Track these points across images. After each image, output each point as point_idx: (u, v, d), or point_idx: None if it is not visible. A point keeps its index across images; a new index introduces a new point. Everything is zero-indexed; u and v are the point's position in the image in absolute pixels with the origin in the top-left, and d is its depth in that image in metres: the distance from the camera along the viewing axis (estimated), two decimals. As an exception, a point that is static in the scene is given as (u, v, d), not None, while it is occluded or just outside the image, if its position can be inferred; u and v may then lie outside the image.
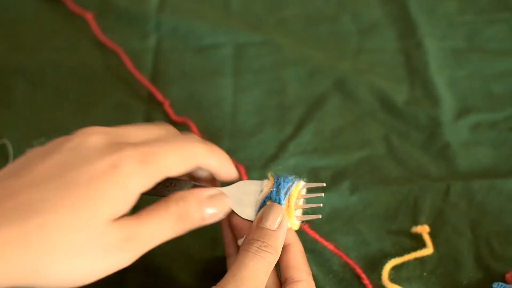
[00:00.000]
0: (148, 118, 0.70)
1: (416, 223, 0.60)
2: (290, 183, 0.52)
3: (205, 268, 0.58)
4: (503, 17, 0.80)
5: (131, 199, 0.44)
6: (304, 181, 0.53)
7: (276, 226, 0.48)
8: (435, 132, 0.68)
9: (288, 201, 0.51)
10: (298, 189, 0.52)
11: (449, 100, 0.71)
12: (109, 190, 0.43)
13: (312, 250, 0.59)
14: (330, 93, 0.73)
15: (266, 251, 0.47)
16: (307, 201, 0.53)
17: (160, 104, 0.72)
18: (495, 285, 0.54)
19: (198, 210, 0.47)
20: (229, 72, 0.75)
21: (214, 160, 0.51)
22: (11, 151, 0.66)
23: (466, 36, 0.78)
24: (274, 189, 0.52)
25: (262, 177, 0.64)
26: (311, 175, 0.65)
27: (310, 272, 0.50)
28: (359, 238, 0.59)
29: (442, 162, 0.66)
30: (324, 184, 0.53)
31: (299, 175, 0.64)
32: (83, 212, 0.41)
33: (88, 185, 0.42)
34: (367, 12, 0.82)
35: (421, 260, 0.58)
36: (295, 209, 0.51)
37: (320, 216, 0.52)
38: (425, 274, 0.57)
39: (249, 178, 0.65)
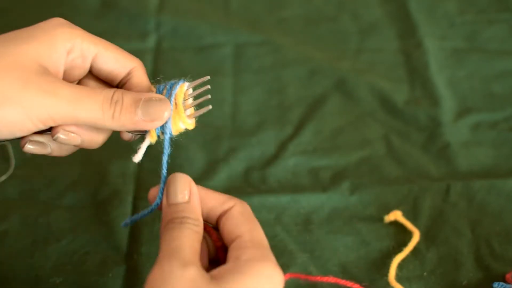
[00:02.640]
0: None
1: (416, 223, 0.60)
2: (173, 85, 0.50)
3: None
4: (503, 17, 0.80)
5: (57, 47, 0.46)
6: (188, 81, 0.51)
7: (187, 198, 0.45)
8: (435, 132, 0.68)
9: (176, 103, 0.49)
10: (184, 89, 0.50)
11: (449, 100, 0.71)
12: (36, 33, 0.46)
13: (312, 251, 0.58)
14: (330, 93, 0.73)
15: (188, 222, 0.44)
16: (196, 97, 0.51)
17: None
18: (495, 285, 0.54)
19: (133, 104, 0.46)
20: (229, 72, 0.75)
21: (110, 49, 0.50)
22: (11, 151, 0.66)
23: (466, 36, 0.78)
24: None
25: (262, 178, 0.65)
26: (311, 175, 0.65)
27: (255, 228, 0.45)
28: (359, 238, 0.59)
29: (442, 162, 0.66)
30: (209, 77, 0.51)
31: (299, 175, 0.65)
32: (8, 45, 0.44)
33: (19, 31, 0.46)
34: (367, 12, 0.82)
35: (421, 260, 0.58)
36: (185, 109, 0.49)
37: (210, 107, 0.49)
38: (425, 274, 0.57)
39: (253, 178, 0.65)
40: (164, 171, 0.48)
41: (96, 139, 0.48)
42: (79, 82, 0.50)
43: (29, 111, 0.43)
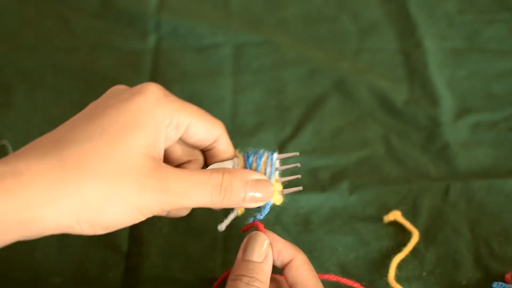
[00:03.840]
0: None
1: (416, 223, 0.60)
2: (263, 159, 0.49)
3: (203, 268, 0.58)
4: (503, 17, 0.80)
5: (159, 129, 0.45)
6: (276, 152, 0.50)
7: (262, 258, 0.47)
8: (434, 132, 0.68)
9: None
10: (274, 163, 0.50)
11: (449, 100, 0.71)
12: (137, 117, 0.44)
13: (311, 251, 0.59)
14: (330, 93, 0.73)
15: (254, 285, 0.46)
16: (283, 172, 0.51)
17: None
18: (494, 284, 0.54)
19: (242, 188, 0.46)
20: (228, 72, 0.75)
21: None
22: (11, 151, 0.67)
23: (466, 36, 0.78)
24: (247, 168, 0.50)
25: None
26: (310, 175, 0.65)
27: (318, 284, 0.48)
28: (358, 238, 0.60)
29: (441, 162, 0.66)
30: (298, 153, 0.52)
31: (298, 175, 0.65)
32: (117, 141, 0.43)
33: (116, 115, 0.44)
34: (367, 12, 0.82)
35: (420, 260, 0.58)
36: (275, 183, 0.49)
37: (301, 188, 0.50)
38: (424, 274, 0.57)
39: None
40: None
41: (182, 212, 0.50)
42: (166, 150, 0.49)
43: (145, 210, 0.43)
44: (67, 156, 0.41)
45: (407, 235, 0.59)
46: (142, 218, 0.44)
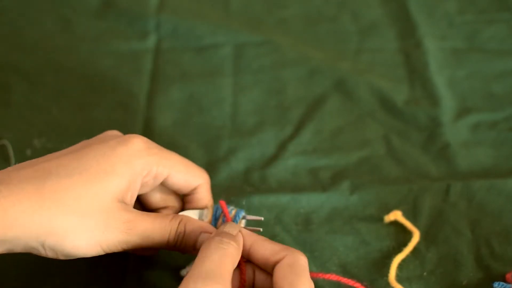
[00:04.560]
0: (148, 118, 0.70)
1: (416, 223, 0.60)
2: (230, 215, 0.54)
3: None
4: (503, 17, 0.80)
5: (135, 179, 0.49)
6: (245, 213, 0.55)
7: (235, 232, 0.48)
8: (435, 132, 0.68)
9: None
10: (238, 221, 0.54)
11: (449, 100, 0.71)
12: (116, 165, 0.48)
13: (312, 251, 0.59)
14: (330, 93, 0.73)
15: (228, 242, 0.46)
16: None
17: (159, 104, 0.72)
18: (496, 284, 0.54)
19: (194, 237, 0.50)
20: (229, 72, 0.75)
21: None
22: (11, 151, 0.66)
23: (466, 36, 0.78)
24: (213, 222, 0.54)
25: (262, 178, 0.65)
26: (311, 175, 0.65)
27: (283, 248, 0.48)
28: (359, 238, 0.59)
29: (442, 162, 0.66)
30: (262, 219, 0.55)
31: (299, 175, 0.65)
32: (92, 182, 0.47)
33: (98, 159, 0.48)
34: (367, 12, 0.82)
35: (421, 260, 0.58)
36: None
37: None
38: (425, 274, 0.57)
39: (250, 176, 0.65)
40: None
41: (147, 252, 0.55)
42: (145, 195, 0.55)
43: (105, 246, 0.48)
44: (46, 187, 0.46)
45: (408, 235, 0.59)
46: (102, 253, 0.48)
